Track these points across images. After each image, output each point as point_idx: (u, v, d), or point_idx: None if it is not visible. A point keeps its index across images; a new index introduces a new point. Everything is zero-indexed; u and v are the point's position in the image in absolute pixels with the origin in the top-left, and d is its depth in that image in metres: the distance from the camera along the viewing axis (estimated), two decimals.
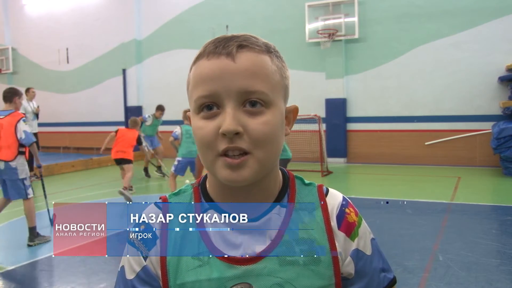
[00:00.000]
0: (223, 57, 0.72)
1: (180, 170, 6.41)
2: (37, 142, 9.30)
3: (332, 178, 8.91)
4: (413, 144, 10.37)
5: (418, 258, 4.16)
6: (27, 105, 9.18)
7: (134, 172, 7.30)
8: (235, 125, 0.69)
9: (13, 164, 4.73)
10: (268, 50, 0.76)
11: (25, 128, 4.83)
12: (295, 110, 0.82)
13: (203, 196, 0.82)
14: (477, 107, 9.76)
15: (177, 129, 6.43)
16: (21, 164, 4.80)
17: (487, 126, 9.51)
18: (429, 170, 6.45)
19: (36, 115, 9.52)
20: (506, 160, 8.55)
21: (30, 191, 4.83)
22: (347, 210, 0.82)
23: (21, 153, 4.80)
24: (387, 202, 5.71)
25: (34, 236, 4.81)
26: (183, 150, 6.34)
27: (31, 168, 9.52)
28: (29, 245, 4.76)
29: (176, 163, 6.38)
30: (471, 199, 5.44)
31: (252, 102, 0.72)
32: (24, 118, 4.87)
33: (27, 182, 4.82)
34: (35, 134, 9.51)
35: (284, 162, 5.68)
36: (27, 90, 9.27)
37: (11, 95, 4.95)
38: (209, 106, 0.72)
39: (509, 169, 8.55)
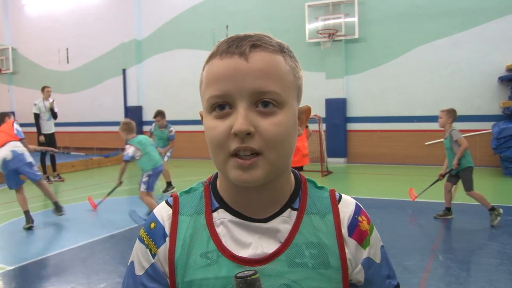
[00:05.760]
0: (236, 56, 0.71)
1: (152, 186, 5.62)
2: (54, 142, 9.24)
3: (332, 178, 8.91)
4: (413, 144, 10.38)
5: (418, 258, 4.16)
6: (42, 104, 9.02)
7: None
8: (247, 125, 0.68)
9: None
10: (281, 50, 0.75)
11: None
12: (307, 110, 0.81)
13: (213, 195, 0.81)
14: (477, 107, 9.76)
15: (127, 150, 5.49)
16: None
17: (487, 126, 9.51)
18: (429, 170, 6.44)
19: (53, 115, 9.13)
20: (506, 160, 8.55)
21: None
22: (359, 218, 0.81)
23: None
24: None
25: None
26: (150, 162, 5.58)
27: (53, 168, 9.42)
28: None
29: (146, 179, 5.54)
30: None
31: (264, 103, 0.70)
32: None
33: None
34: (52, 135, 9.22)
35: (469, 170, 5.40)
36: (42, 89, 9.12)
37: None
38: (221, 105, 0.71)
39: (509, 169, 8.56)
